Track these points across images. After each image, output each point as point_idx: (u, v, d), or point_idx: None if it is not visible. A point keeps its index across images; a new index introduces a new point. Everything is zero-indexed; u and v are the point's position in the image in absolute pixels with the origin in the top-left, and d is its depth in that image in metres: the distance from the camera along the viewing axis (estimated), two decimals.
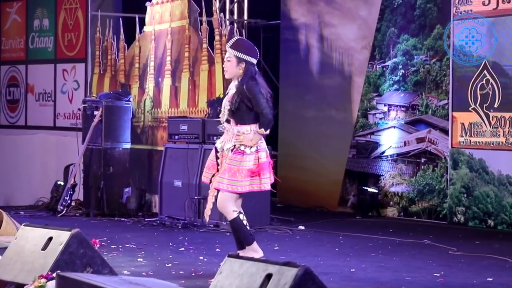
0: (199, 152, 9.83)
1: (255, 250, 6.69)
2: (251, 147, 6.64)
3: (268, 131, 6.66)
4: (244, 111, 6.66)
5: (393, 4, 10.98)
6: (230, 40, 6.88)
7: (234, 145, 6.65)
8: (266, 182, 6.67)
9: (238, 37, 7.07)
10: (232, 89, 6.78)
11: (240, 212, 6.69)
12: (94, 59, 12.03)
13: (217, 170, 6.76)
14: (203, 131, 9.91)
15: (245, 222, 6.68)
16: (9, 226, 8.25)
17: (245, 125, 6.67)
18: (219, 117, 6.96)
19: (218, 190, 6.73)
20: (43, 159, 12.76)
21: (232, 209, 6.65)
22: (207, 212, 6.96)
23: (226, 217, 6.85)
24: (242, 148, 6.63)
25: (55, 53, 13.05)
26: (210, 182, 6.81)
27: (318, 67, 11.86)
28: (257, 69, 6.86)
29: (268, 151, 6.78)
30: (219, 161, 6.76)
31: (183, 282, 6.18)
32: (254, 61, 6.77)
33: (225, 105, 6.75)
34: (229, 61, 6.74)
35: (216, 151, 6.79)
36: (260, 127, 6.62)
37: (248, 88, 6.62)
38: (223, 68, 6.99)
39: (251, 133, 6.65)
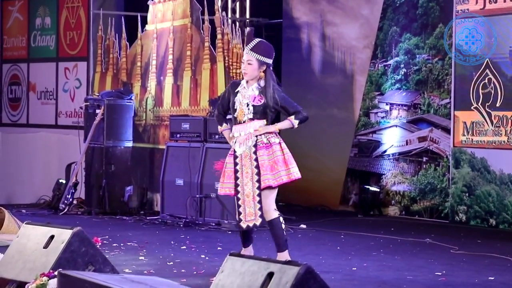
0: (200, 150, 9.83)
1: (285, 259, 6.47)
2: (275, 135, 6.68)
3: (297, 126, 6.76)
4: (263, 110, 6.69)
5: (395, 3, 10.98)
6: (251, 43, 6.81)
7: (256, 142, 6.64)
8: (294, 171, 6.66)
9: (259, 39, 7.00)
10: (248, 90, 6.71)
11: (280, 214, 6.69)
12: (96, 57, 12.03)
13: (236, 178, 6.61)
14: (205, 129, 9.91)
15: (283, 225, 6.66)
16: (11, 225, 8.26)
17: (259, 120, 6.68)
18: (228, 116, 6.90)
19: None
20: (45, 157, 12.77)
21: (274, 207, 6.67)
22: (249, 217, 6.67)
23: (266, 218, 6.66)
24: (265, 140, 6.65)
25: (57, 52, 13.05)
26: (237, 192, 6.61)
27: (320, 66, 11.86)
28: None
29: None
30: (238, 167, 6.63)
31: (184, 280, 6.18)
32: (271, 61, 6.80)
33: (247, 105, 6.69)
34: (250, 64, 6.69)
35: (235, 157, 6.64)
36: (295, 119, 6.71)
37: (278, 93, 6.69)
38: (243, 69, 6.86)
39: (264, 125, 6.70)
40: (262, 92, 6.69)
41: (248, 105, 6.68)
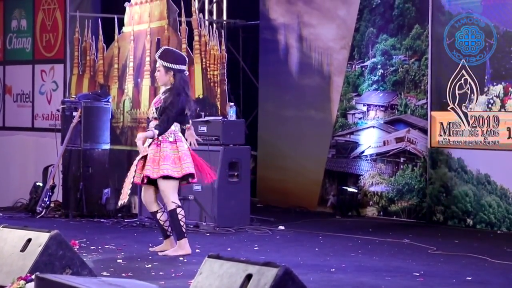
0: None
1: (181, 247, 7.53)
2: (172, 135, 7.47)
3: (152, 137, 7.50)
4: (160, 113, 7.50)
5: (371, 4, 11.01)
6: (158, 50, 7.66)
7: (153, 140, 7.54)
8: (185, 167, 7.44)
9: (165, 47, 7.97)
10: (161, 94, 7.59)
11: (179, 206, 7.51)
12: (72, 59, 11.98)
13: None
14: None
15: (180, 216, 7.48)
16: None
17: (158, 120, 7.55)
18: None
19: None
20: (22, 160, 12.70)
21: (171, 199, 7.49)
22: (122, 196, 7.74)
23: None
24: (160, 138, 7.48)
25: (33, 54, 12.98)
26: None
27: (297, 67, 11.87)
28: (187, 76, 7.57)
29: (179, 145, 7.48)
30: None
31: (163, 283, 6.17)
32: (183, 67, 7.52)
33: (152, 108, 7.57)
34: (158, 70, 7.54)
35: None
36: (155, 129, 7.42)
37: (172, 99, 7.41)
38: (155, 75, 7.78)
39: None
40: (164, 96, 7.48)
41: (151, 106, 7.60)
